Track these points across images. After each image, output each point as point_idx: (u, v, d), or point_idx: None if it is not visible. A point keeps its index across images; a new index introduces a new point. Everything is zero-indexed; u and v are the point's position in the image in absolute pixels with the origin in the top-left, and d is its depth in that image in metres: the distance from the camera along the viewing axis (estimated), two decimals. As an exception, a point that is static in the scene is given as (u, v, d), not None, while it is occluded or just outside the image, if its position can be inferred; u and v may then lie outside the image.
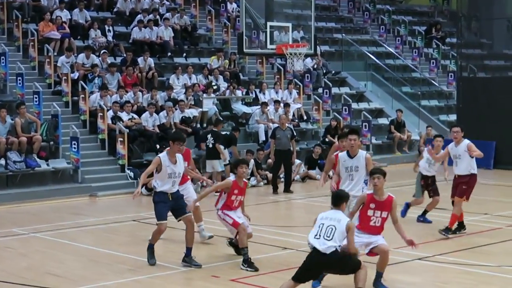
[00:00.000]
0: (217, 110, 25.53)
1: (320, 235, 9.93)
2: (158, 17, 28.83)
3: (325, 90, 29.68)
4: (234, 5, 31.63)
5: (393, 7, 39.37)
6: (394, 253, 12.90)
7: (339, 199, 10.21)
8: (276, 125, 23.18)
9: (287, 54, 24.33)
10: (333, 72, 32.27)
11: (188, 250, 12.40)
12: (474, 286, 11.29)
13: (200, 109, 24.93)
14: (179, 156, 12.35)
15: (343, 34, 35.09)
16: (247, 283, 11.43)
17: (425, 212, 16.40)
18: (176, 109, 24.02)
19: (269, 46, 24.44)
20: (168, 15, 29.26)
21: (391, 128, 28.98)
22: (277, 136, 21.26)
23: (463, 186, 14.72)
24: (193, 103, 25.17)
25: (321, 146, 24.86)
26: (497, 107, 26.38)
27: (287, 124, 22.29)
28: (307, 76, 29.89)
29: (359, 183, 12.17)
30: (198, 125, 24.43)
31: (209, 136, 21.45)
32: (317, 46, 28.64)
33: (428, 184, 16.27)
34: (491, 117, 26.37)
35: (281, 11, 27.05)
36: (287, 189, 21.29)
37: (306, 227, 15.85)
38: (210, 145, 21.27)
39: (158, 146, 22.75)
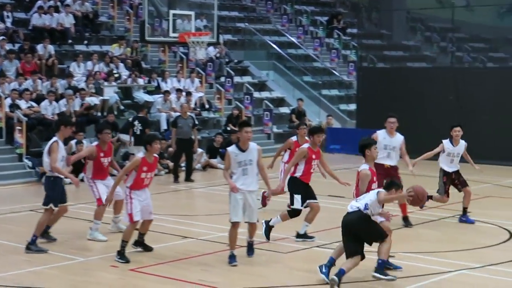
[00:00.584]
0: (118, 99, 25.28)
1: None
2: (59, 3, 28.31)
3: (227, 79, 29.73)
4: (137, -8, 31.34)
5: (295, -3, 39.69)
6: (292, 241, 13.05)
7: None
8: (177, 113, 23.09)
9: (190, 43, 24.30)
10: (236, 61, 32.35)
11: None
12: (369, 272, 11.49)
13: (101, 97, 24.64)
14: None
15: (246, 23, 35.18)
16: (146, 273, 11.38)
17: (464, 210, 15.49)
18: (76, 97, 23.67)
19: (171, 34, 24.36)
20: (69, 1, 28.77)
21: (292, 117, 29.23)
22: (179, 125, 21.18)
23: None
24: (94, 91, 24.84)
25: (223, 135, 24.91)
26: (396, 96, 26.88)
27: (188, 113, 22.24)
28: (210, 65, 29.87)
29: (254, 177, 11.72)
30: (99, 113, 24.14)
31: (136, 122, 21.49)
32: (220, 35, 28.66)
33: (452, 179, 15.39)
34: (390, 106, 26.78)
35: (184, -1, 26.99)
36: (188, 178, 21.26)
37: (207, 215, 15.98)
38: (138, 132, 21.22)
39: (57, 135, 22.38)
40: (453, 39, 29.26)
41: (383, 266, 10.98)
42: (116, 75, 25.92)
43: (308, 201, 13.22)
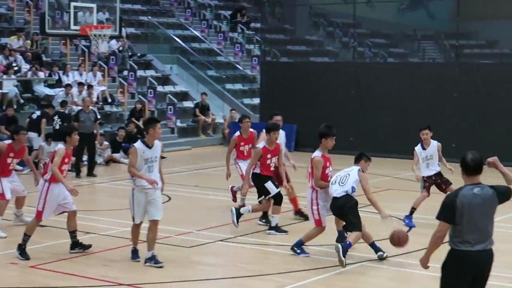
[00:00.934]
0: (18, 92, 24.72)
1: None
2: (-46, -6, 27.52)
3: (130, 73, 29.43)
4: (37, -16, 30.70)
5: (199, -9, 39.57)
6: (197, 235, 13.03)
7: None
8: (79, 107, 22.74)
9: (92, 36, 23.96)
10: (139, 54, 32.05)
11: None
12: (274, 265, 11.56)
13: (0, 91, 24.04)
14: None
15: (149, 17, 34.90)
16: (47, 269, 11.17)
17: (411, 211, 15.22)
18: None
19: (72, 27, 23.97)
20: (-35, -8, 28.00)
21: (196, 111, 29.15)
22: (81, 119, 20.84)
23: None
24: (-8, 84, 24.25)
25: (125, 129, 24.64)
26: (299, 91, 27.11)
27: (91, 107, 21.92)
28: (112, 58, 29.49)
29: (157, 174, 11.44)
30: (-2, 108, 23.61)
31: (56, 117, 21.43)
32: (123, 28, 28.33)
33: (434, 181, 15.04)
34: (293, 100, 27.07)
35: (85, -9, 26.55)
36: (90, 173, 20.96)
37: (109, 211, 15.78)
38: (57, 126, 21.06)
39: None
40: (354, 35, 29.65)
41: (347, 249, 11.24)
42: (16, 68, 25.33)
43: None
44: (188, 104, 30.42)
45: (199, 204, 15.75)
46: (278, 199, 13.58)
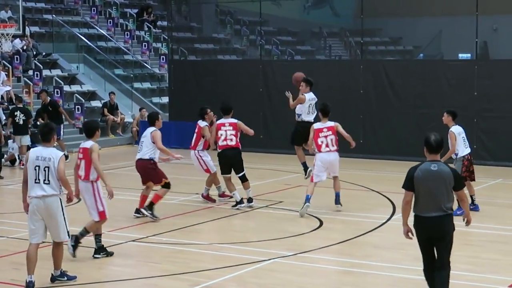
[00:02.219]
0: None
1: None
2: None
3: (35, 72, 28.90)
4: None
5: (105, -11, 39.13)
6: (107, 235, 12.91)
7: None
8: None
9: (-6, 35, 23.47)
10: (44, 53, 31.49)
11: None
12: (186, 264, 11.57)
13: None
14: None
15: (54, 15, 34.33)
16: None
17: None
18: None
19: (-26, 26, 23.43)
20: None
21: (104, 110, 28.84)
22: (-14, 120, 20.43)
23: None
24: None
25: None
26: (208, 89, 27.09)
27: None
28: (17, 58, 28.88)
29: None
30: None
31: (17, 112, 22.29)
32: (26, 27, 27.83)
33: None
34: (202, 99, 27.01)
35: (-14, -11, 26.01)
36: (-4, 175, 20.56)
37: (17, 213, 15.47)
38: (21, 122, 22.09)
39: None
40: (261, 33, 29.82)
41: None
42: None
43: None
44: (96, 103, 30.06)
45: (109, 204, 15.56)
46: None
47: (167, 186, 14.60)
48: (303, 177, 16.97)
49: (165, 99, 30.92)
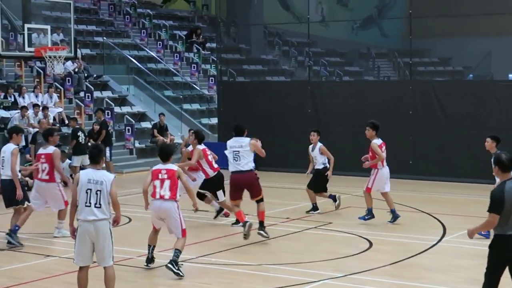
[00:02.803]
0: (-28, 115, 24.53)
1: None
2: None
3: (87, 94, 29.29)
4: (-10, 5, 30.49)
5: (154, 11, 39.56)
6: (158, 256, 13.00)
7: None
8: (36, 129, 22.59)
9: (47, 57, 23.84)
10: (95, 75, 31.93)
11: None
12: (236, 285, 11.60)
13: (-45, 114, 23.85)
14: None
15: (104, 38, 34.81)
16: (8, 294, 11.09)
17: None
18: None
19: (27, 48, 23.84)
20: None
21: (154, 131, 29.09)
22: (38, 141, 20.70)
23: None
24: None
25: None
26: (256, 110, 27.21)
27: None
28: (68, 80, 29.35)
29: None
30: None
31: (80, 133, 23.20)
32: (78, 49, 28.24)
33: None
34: (251, 120, 27.11)
35: (39, 12, 26.43)
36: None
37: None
38: (83, 142, 23.03)
39: None
40: (310, 54, 29.88)
41: None
42: (-30, 91, 25.15)
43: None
44: (146, 124, 30.35)
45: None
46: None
47: (262, 199, 14.59)
48: (351, 197, 16.95)
49: (214, 120, 31.10)
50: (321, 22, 33.00)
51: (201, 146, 16.37)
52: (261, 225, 14.56)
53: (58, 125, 26.39)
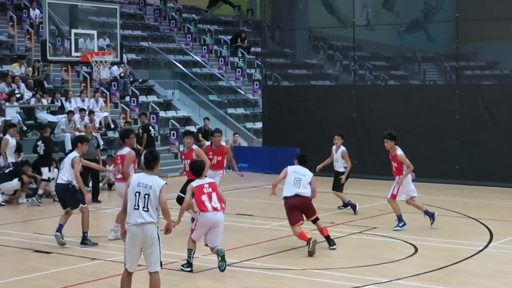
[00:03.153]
0: (20, 119, 24.79)
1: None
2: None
3: (132, 98, 29.52)
4: (37, 11, 30.89)
5: (199, 16, 39.75)
6: (202, 260, 13.02)
7: None
8: (82, 134, 22.76)
9: (93, 62, 24.05)
10: (140, 80, 32.16)
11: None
12: (280, 290, 11.58)
13: (3, 118, 24.11)
14: None
15: (150, 42, 35.05)
16: (54, 296, 11.18)
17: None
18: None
19: (74, 53, 24.06)
20: (-33, 21, 28.17)
21: (198, 136, 29.13)
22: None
23: None
24: (-5, 111, 24.35)
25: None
26: (301, 114, 27.17)
27: (93, 133, 21.97)
28: (114, 84, 29.60)
29: None
30: (1, 135, 23.62)
31: (39, 142, 21.30)
32: (124, 54, 28.46)
33: None
34: (295, 124, 27.16)
35: (86, 18, 26.67)
36: (95, 199, 20.95)
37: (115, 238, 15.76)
38: (42, 152, 21.07)
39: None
40: (355, 58, 29.73)
41: None
42: (18, 95, 25.43)
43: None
44: (191, 129, 30.40)
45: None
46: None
47: (317, 218, 14.60)
48: (383, 204, 16.84)
49: (259, 125, 31.10)
50: (366, 26, 32.78)
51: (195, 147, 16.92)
52: (329, 239, 14.47)
53: (104, 129, 26.61)
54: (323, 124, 26.71)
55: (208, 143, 17.86)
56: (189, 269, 12.58)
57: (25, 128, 24.95)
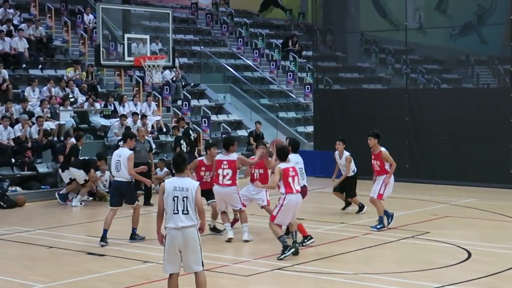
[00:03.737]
0: (74, 123, 25.12)
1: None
2: (12, 27, 28.11)
3: (184, 102, 29.69)
4: (91, 16, 31.27)
5: (250, 20, 39.87)
6: (253, 263, 13.05)
7: None
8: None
9: (146, 66, 24.22)
10: (192, 84, 32.35)
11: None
12: (332, 294, 11.55)
13: (57, 122, 24.46)
14: None
15: (202, 47, 35.25)
16: (107, 298, 11.29)
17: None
18: (33, 124, 23.50)
19: (127, 58, 24.26)
20: (22, 26, 28.56)
21: (250, 139, 29.22)
22: (136, 149, 20.97)
23: None
24: (49, 115, 24.66)
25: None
26: (352, 118, 27.08)
27: (146, 137, 22.16)
28: (166, 88, 29.81)
29: None
30: (55, 138, 23.97)
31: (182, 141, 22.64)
32: (176, 58, 28.64)
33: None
34: (347, 128, 27.03)
35: (139, 23, 26.91)
36: (147, 202, 21.11)
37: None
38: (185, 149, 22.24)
39: (13, 160, 22.23)
40: (407, 61, 29.53)
41: None
42: (72, 99, 25.77)
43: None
44: (242, 133, 30.54)
45: (256, 232, 15.80)
46: None
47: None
48: (449, 207, 16.66)
49: (310, 128, 31.06)
50: (419, 29, 32.55)
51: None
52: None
53: (156, 133, 26.81)
54: (375, 128, 26.53)
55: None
56: (292, 250, 13.38)
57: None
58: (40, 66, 28.08)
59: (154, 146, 23.94)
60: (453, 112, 25.31)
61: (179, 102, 29.93)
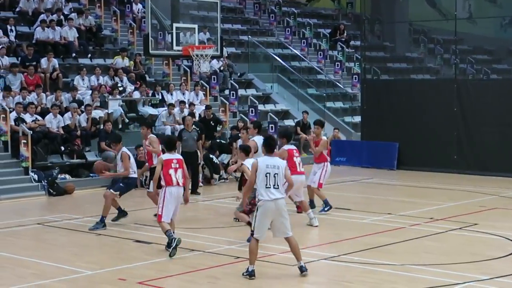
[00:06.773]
0: (122, 112, 25.32)
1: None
2: (62, 17, 28.39)
3: (231, 92, 29.74)
4: (140, 6, 31.45)
5: (298, 10, 39.73)
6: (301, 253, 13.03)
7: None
8: (182, 126, 23.09)
9: (194, 56, 24.26)
10: (240, 73, 32.38)
11: None
12: (378, 285, 11.49)
13: (106, 111, 24.68)
14: None
15: (249, 36, 35.24)
16: (154, 286, 11.37)
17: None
18: (82, 112, 23.76)
19: (175, 47, 24.31)
20: (72, 15, 28.84)
21: (297, 129, 29.19)
22: (184, 138, 21.14)
23: None
24: (99, 104, 24.89)
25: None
26: (400, 108, 26.91)
27: (193, 126, 22.25)
28: (214, 78, 29.89)
29: None
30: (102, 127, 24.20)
31: None
32: (224, 48, 28.70)
33: None
34: (394, 118, 26.91)
35: (187, 12, 26.99)
36: (194, 191, 21.20)
37: (213, 228, 15.97)
38: None
39: (62, 148, 22.50)
40: (456, 51, 29.23)
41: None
42: (121, 88, 25.97)
43: None
44: (289, 122, 30.51)
45: (301, 222, 15.81)
46: None
47: None
48: (498, 199, 16.48)
49: (357, 119, 30.90)
50: (469, 19, 32.17)
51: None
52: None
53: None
54: (423, 119, 26.38)
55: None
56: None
57: (127, 120, 25.46)
58: (89, 55, 28.34)
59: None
60: (503, 103, 25.03)
61: (227, 92, 29.98)
